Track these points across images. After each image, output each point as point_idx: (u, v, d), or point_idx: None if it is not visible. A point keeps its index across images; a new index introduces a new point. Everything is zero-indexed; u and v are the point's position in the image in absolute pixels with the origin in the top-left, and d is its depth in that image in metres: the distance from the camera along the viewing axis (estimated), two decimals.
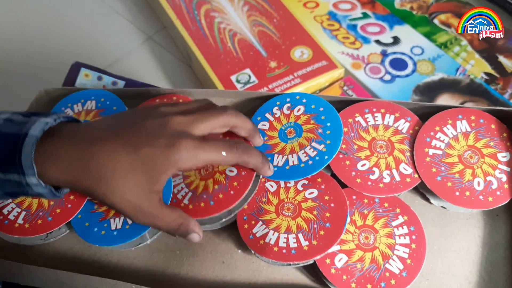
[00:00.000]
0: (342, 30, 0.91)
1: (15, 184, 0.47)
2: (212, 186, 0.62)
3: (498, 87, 0.80)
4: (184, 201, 0.62)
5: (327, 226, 0.58)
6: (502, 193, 0.59)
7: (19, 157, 0.45)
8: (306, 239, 0.58)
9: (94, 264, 0.64)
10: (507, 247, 0.60)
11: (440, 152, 0.62)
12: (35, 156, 0.46)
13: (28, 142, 0.46)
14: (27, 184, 0.47)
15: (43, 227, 0.62)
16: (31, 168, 0.46)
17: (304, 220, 0.59)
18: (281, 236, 0.58)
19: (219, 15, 0.90)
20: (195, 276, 0.62)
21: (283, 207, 0.60)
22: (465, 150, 0.62)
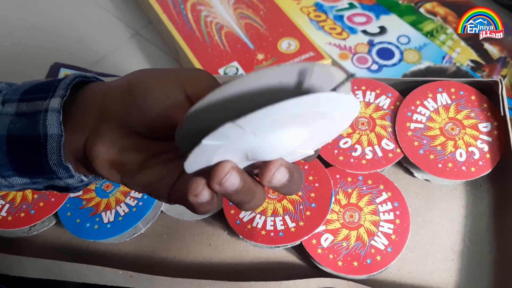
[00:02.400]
0: (329, 21, 0.93)
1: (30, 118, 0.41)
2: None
3: (484, 74, 0.82)
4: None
5: (312, 206, 0.60)
6: (485, 163, 0.61)
7: (58, 82, 0.42)
8: (293, 220, 0.59)
9: (82, 252, 0.65)
10: (490, 216, 0.62)
11: (422, 125, 0.64)
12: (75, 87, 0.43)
13: (77, 73, 0.43)
14: (45, 111, 0.40)
15: (26, 220, 0.63)
16: (64, 90, 0.41)
17: (290, 202, 0.61)
18: (268, 219, 0.60)
19: (206, 8, 0.91)
20: (182, 259, 0.63)
21: (268, 190, 0.61)
22: (446, 123, 0.64)
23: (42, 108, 0.40)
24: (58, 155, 0.40)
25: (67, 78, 0.42)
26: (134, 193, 0.64)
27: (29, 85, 0.43)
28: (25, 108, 0.41)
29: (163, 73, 0.40)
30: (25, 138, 0.41)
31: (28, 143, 0.41)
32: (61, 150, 0.40)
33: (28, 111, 0.41)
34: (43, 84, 0.43)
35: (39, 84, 0.43)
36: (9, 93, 0.43)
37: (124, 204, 0.63)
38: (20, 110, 0.41)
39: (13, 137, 0.41)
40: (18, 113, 0.41)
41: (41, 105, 0.41)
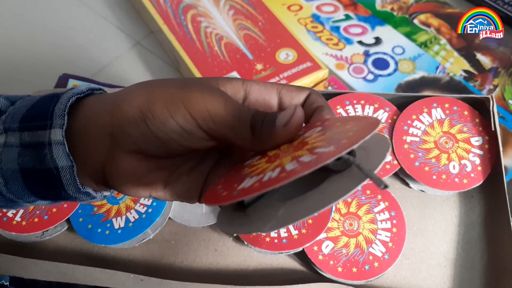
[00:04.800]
0: (325, 32, 0.96)
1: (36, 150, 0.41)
2: None
3: (477, 83, 0.86)
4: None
5: (314, 215, 0.62)
6: (476, 175, 0.65)
7: (53, 107, 0.41)
8: (295, 228, 0.63)
9: (93, 257, 0.69)
10: (481, 225, 0.66)
11: (417, 139, 0.69)
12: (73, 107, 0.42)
13: (70, 93, 0.42)
14: (49, 144, 0.40)
15: (39, 225, 0.67)
16: (60, 118, 0.40)
17: None
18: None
19: (206, 19, 0.95)
20: (189, 264, 0.67)
21: None
22: (441, 136, 0.68)
23: (45, 140, 0.40)
24: (74, 185, 0.41)
25: (60, 101, 0.41)
26: (143, 200, 0.68)
27: (25, 107, 0.43)
28: (28, 138, 0.41)
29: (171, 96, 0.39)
30: (38, 171, 0.41)
31: (42, 175, 0.41)
32: (76, 180, 0.41)
33: (32, 142, 0.41)
34: (38, 107, 0.42)
35: (35, 108, 0.42)
36: (9, 119, 0.43)
37: (134, 211, 0.67)
38: (24, 140, 0.41)
39: (26, 170, 0.41)
40: (23, 144, 0.41)
41: (42, 136, 0.40)
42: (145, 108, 0.38)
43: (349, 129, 0.34)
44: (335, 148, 0.31)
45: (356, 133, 0.33)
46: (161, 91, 0.39)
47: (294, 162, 0.32)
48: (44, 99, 0.43)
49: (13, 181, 0.42)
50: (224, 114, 0.38)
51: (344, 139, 0.32)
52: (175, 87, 0.39)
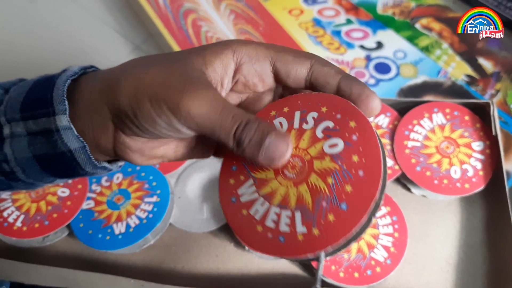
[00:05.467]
0: (326, 36, 0.97)
1: (45, 137, 0.41)
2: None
3: (479, 88, 0.86)
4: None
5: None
6: (478, 180, 0.66)
7: (51, 92, 0.41)
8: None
9: (93, 262, 0.69)
10: (483, 230, 0.67)
11: (419, 144, 0.69)
12: (68, 91, 0.41)
13: (63, 76, 0.42)
14: (57, 130, 0.40)
15: (40, 231, 0.67)
16: (61, 104, 0.40)
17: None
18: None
19: (206, 24, 0.95)
20: (190, 269, 0.68)
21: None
22: (442, 141, 0.69)
23: (52, 127, 0.41)
24: (90, 163, 0.43)
25: (57, 86, 0.41)
26: (144, 205, 0.68)
27: (21, 95, 0.43)
28: (34, 127, 0.42)
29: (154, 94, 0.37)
30: (52, 155, 0.42)
31: (57, 159, 0.42)
32: (91, 158, 0.43)
33: (39, 129, 0.42)
34: (35, 94, 0.42)
35: (32, 95, 0.43)
36: (8, 109, 0.43)
37: (135, 216, 0.67)
38: (30, 129, 0.42)
39: (39, 156, 0.43)
40: (30, 132, 0.42)
41: (48, 122, 0.41)
42: (134, 105, 0.38)
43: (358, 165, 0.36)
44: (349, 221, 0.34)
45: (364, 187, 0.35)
46: (146, 85, 0.38)
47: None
48: (38, 84, 0.43)
49: (30, 168, 0.44)
50: (205, 119, 0.37)
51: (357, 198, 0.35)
52: (158, 83, 0.38)
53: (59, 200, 0.69)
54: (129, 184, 0.71)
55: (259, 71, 0.42)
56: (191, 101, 0.36)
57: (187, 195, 0.71)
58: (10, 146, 0.43)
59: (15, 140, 0.43)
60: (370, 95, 0.39)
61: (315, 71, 0.40)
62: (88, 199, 0.70)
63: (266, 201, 0.39)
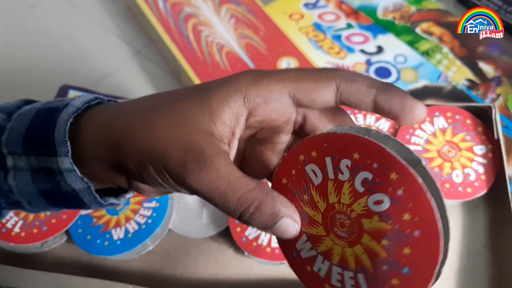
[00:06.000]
0: (327, 40, 0.96)
1: (48, 175, 0.40)
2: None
3: (479, 92, 0.85)
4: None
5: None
6: (480, 184, 0.65)
7: (52, 131, 0.39)
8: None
9: (92, 268, 0.68)
10: (486, 235, 0.66)
11: (420, 148, 0.68)
12: (71, 130, 0.40)
13: (66, 112, 0.40)
14: (60, 172, 0.39)
15: (38, 236, 0.66)
16: (63, 145, 0.39)
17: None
18: (273, 237, 0.63)
19: (207, 28, 0.95)
20: (189, 275, 0.67)
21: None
22: (443, 145, 0.68)
23: (54, 167, 0.40)
24: (96, 202, 0.42)
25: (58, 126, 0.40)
26: (143, 210, 0.68)
27: (23, 126, 0.42)
28: (36, 163, 0.41)
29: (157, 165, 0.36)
30: (57, 192, 0.41)
31: (62, 196, 0.41)
32: (97, 197, 0.41)
33: (41, 166, 0.41)
34: (36, 129, 0.41)
35: (33, 129, 0.41)
36: (10, 142, 0.42)
37: (134, 222, 0.67)
38: (33, 165, 0.41)
39: (44, 191, 0.42)
40: (33, 168, 0.41)
41: (50, 161, 0.40)
42: (140, 170, 0.37)
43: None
44: None
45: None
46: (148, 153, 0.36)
47: None
48: (40, 117, 0.42)
49: (36, 201, 0.43)
50: (211, 198, 0.35)
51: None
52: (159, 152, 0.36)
53: None
54: None
55: (277, 109, 0.38)
56: (192, 179, 0.35)
57: (186, 200, 0.70)
58: (14, 178, 0.42)
59: (18, 173, 0.42)
60: (413, 106, 0.35)
61: (344, 92, 0.36)
62: None
63: (326, 259, 0.37)
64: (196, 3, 0.99)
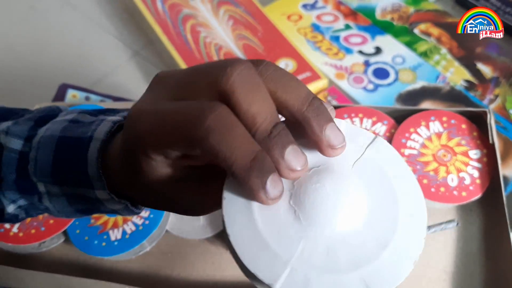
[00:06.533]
0: (325, 41, 0.96)
1: (84, 200, 0.43)
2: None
3: (477, 93, 0.86)
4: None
5: None
6: (475, 188, 0.65)
7: (84, 167, 0.40)
8: None
9: (89, 269, 0.69)
10: (480, 238, 0.66)
11: (416, 152, 0.68)
12: (102, 164, 0.40)
13: (93, 148, 0.40)
14: (98, 200, 0.42)
15: (36, 237, 0.67)
16: (99, 180, 0.40)
17: None
18: None
19: (205, 29, 0.95)
20: (186, 277, 0.67)
21: None
22: (439, 149, 0.68)
23: (92, 196, 0.41)
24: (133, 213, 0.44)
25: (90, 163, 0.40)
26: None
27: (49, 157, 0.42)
28: (71, 191, 0.42)
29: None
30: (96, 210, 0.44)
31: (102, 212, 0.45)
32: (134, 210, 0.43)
33: (77, 194, 0.42)
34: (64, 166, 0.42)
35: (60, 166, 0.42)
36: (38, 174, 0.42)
37: (131, 223, 0.67)
38: (67, 192, 0.42)
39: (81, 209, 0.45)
40: (67, 194, 0.43)
41: (87, 192, 0.41)
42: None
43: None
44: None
45: None
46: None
47: None
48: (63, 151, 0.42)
49: (70, 214, 0.46)
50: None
51: None
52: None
53: None
54: None
55: None
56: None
57: None
58: (50, 202, 0.44)
59: (53, 198, 0.44)
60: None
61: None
62: None
63: None
64: (194, 4, 1.00)
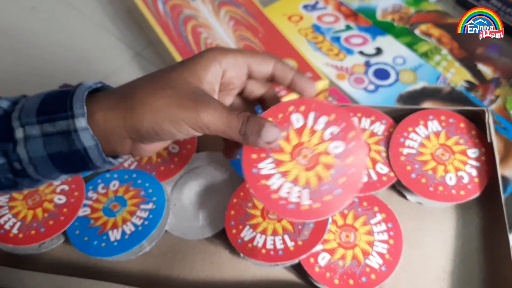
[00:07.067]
0: (326, 42, 0.96)
1: (62, 137, 0.48)
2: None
3: (478, 94, 0.85)
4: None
5: (311, 226, 0.64)
6: (473, 187, 0.65)
7: (70, 100, 0.47)
8: (291, 239, 0.63)
9: (89, 270, 0.69)
10: (480, 237, 0.66)
11: (414, 151, 0.69)
12: (86, 100, 0.48)
13: (82, 88, 0.49)
14: (75, 131, 0.47)
15: (36, 238, 0.67)
16: (81, 108, 0.47)
17: (289, 222, 0.65)
18: (268, 238, 0.64)
19: (206, 30, 0.95)
20: (185, 277, 0.67)
21: (267, 211, 0.66)
22: (437, 148, 0.68)
23: (70, 128, 0.48)
24: (101, 158, 0.50)
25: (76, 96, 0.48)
26: (140, 212, 0.68)
27: (35, 104, 0.49)
28: (50, 129, 0.48)
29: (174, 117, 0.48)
30: (66, 153, 0.49)
31: (72, 156, 0.49)
32: (103, 154, 0.50)
33: (56, 131, 0.48)
34: (52, 101, 0.49)
35: (49, 102, 0.49)
36: (23, 115, 0.49)
37: (130, 223, 0.67)
38: (47, 131, 0.48)
39: (54, 154, 0.49)
40: (46, 133, 0.48)
41: (66, 125, 0.48)
42: (156, 128, 0.48)
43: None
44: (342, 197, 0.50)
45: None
46: (164, 110, 0.48)
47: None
48: (53, 96, 0.50)
49: (43, 165, 0.50)
50: (218, 125, 0.48)
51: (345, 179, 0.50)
52: (173, 106, 0.48)
53: (55, 207, 0.69)
54: (125, 191, 0.71)
55: (238, 73, 0.53)
56: (205, 116, 0.47)
57: (183, 202, 0.71)
58: (25, 147, 0.49)
59: (30, 141, 0.49)
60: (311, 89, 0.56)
61: (277, 69, 0.54)
62: (85, 206, 0.70)
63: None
64: (195, 5, 1.00)
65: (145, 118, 0.48)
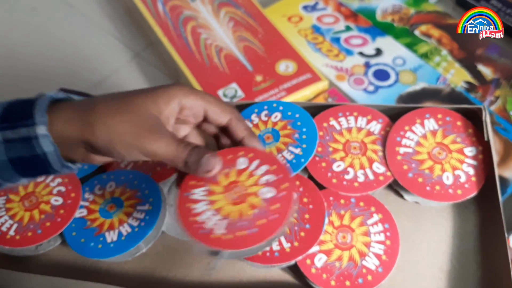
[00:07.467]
0: (326, 43, 0.96)
1: (23, 143, 0.50)
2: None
3: (478, 95, 0.85)
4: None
5: (307, 227, 0.63)
6: (470, 185, 0.65)
7: (33, 109, 0.49)
8: (288, 241, 0.63)
9: (86, 271, 0.69)
10: (476, 236, 0.66)
11: (410, 150, 0.68)
12: (48, 109, 0.50)
13: (44, 98, 0.51)
14: (36, 137, 0.49)
15: (33, 239, 0.67)
16: (42, 117, 0.49)
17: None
18: None
19: (205, 31, 0.95)
20: (182, 278, 0.67)
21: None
22: (434, 147, 0.68)
23: (31, 135, 0.49)
24: (60, 163, 0.51)
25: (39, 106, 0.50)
26: (136, 213, 0.68)
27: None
28: (12, 135, 0.49)
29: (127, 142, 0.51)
30: (27, 158, 0.50)
31: (32, 160, 0.50)
32: (62, 159, 0.51)
33: (17, 137, 0.49)
34: (15, 109, 0.51)
35: (11, 110, 0.51)
36: None
37: (127, 224, 0.67)
38: (8, 137, 0.50)
39: (14, 159, 0.51)
40: (7, 139, 0.50)
41: (27, 132, 0.49)
42: (109, 147, 0.51)
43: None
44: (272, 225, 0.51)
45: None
46: (119, 134, 0.50)
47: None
48: (15, 105, 0.51)
49: (4, 170, 0.51)
50: (166, 154, 0.51)
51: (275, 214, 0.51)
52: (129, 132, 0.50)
53: (52, 208, 0.69)
54: (121, 192, 0.70)
55: (195, 114, 0.57)
56: (157, 146, 0.51)
57: None
58: None
59: None
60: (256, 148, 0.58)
61: (232, 124, 0.58)
62: (81, 207, 0.69)
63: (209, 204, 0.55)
64: (195, 6, 1.00)
65: (101, 137, 0.50)
